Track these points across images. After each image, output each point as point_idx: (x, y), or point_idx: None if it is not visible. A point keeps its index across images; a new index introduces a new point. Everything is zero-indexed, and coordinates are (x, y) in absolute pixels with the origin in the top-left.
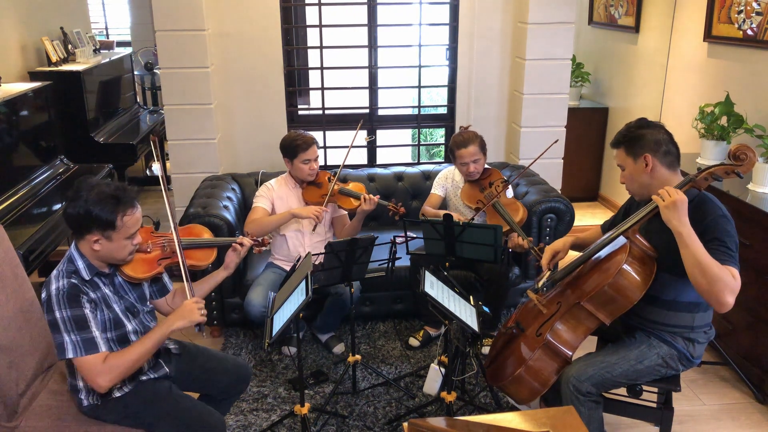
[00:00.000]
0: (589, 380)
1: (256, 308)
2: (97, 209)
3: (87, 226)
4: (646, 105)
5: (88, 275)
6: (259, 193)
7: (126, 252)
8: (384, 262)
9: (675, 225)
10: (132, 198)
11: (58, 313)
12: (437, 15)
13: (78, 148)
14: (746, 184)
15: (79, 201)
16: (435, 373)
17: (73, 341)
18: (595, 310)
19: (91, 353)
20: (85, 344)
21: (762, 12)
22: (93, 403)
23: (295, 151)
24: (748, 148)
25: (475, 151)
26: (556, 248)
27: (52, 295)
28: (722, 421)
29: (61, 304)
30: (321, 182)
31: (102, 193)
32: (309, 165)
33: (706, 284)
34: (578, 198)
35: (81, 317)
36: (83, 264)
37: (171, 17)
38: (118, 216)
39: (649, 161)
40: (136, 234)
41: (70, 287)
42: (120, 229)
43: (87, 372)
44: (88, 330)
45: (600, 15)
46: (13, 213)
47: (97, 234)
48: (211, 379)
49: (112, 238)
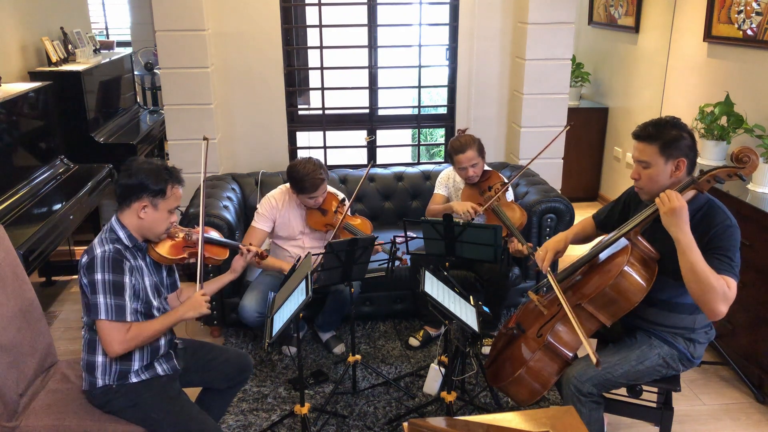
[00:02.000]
0: (590, 381)
1: (249, 313)
2: (152, 177)
3: (139, 193)
4: (646, 105)
5: (129, 243)
6: (260, 211)
7: (164, 226)
8: (384, 262)
9: (674, 231)
10: (179, 177)
11: (99, 275)
12: (437, 15)
13: (78, 148)
14: (746, 185)
15: (133, 170)
16: (435, 373)
17: (107, 304)
18: (596, 312)
19: (118, 320)
20: (117, 310)
21: (762, 12)
22: (107, 384)
23: (301, 190)
24: (750, 150)
25: (473, 156)
26: (557, 248)
27: (97, 257)
28: (722, 421)
29: (105, 266)
30: (327, 210)
31: (155, 165)
32: (314, 200)
33: (699, 292)
34: (578, 198)
35: (120, 283)
36: (124, 234)
37: (171, 17)
38: (169, 185)
39: (682, 166)
40: (175, 212)
41: (115, 252)
42: (168, 198)
43: (107, 335)
44: (123, 297)
45: (600, 15)
46: (13, 213)
47: (147, 200)
48: (214, 370)
49: (158, 207)
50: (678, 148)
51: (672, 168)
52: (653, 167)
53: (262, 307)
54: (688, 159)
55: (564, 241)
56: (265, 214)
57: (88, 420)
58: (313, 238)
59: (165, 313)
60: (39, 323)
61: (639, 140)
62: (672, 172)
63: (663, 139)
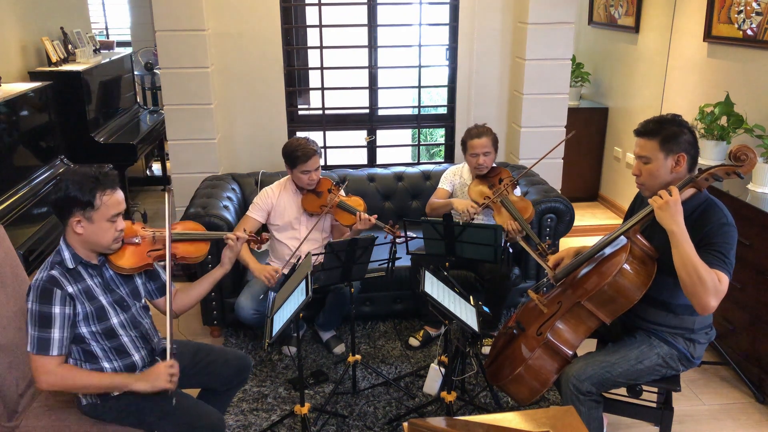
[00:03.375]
0: (589, 380)
1: (246, 310)
2: (77, 188)
3: (69, 208)
4: (646, 105)
5: (72, 264)
6: (256, 201)
7: (109, 237)
8: (384, 262)
9: (668, 223)
10: (112, 180)
11: (29, 304)
12: (437, 15)
13: (78, 148)
14: (746, 184)
15: (61, 185)
16: (435, 373)
17: (32, 336)
18: (596, 310)
19: (41, 353)
20: (40, 343)
21: (762, 12)
22: (92, 402)
23: (295, 162)
24: (748, 148)
25: (486, 143)
26: (559, 257)
27: (32, 285)
28: (722, 421)
29: (35, 296)
30: (321, 191)
31: (82, 174)
32: (308, 175)
33: (690, 284)
34: (578, 198)
35: (46, 316)
36: (69, 254)
37: (171, 17)
38: (97, 194)
39: (682, 162)
40: (119, 219)
41: (47, 280)
42: (99, 208)
43: (33, 368)
44: (48, 330)
45: (600, 15)
46: (14, 213)
47: (78, 215)
48: (213, 372)
49: (92, 219)
50: (678, 144)
51: (672, 163)
52: (653, 162)
53: (258, 304)
54: (688, 155)
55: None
56: (260, 204)
57: (88, 420)
58: (310, 227)
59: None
60: None
61: (640, 136)
62: (672, 167)
63: (663, 135)
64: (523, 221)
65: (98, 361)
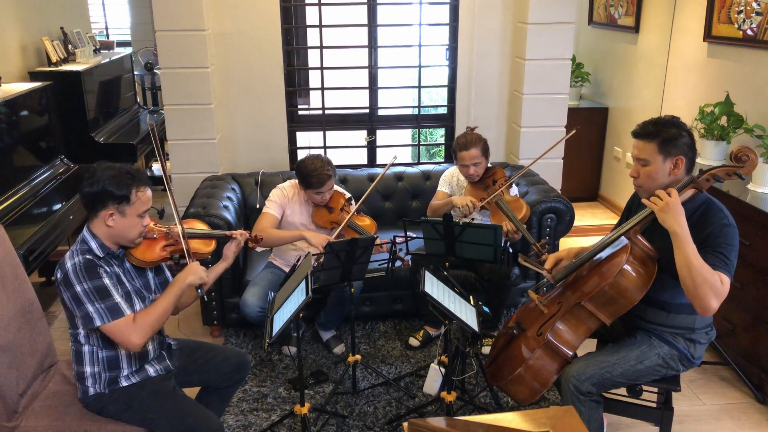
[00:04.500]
0: (590, 380)
1: (251, 308)
2: (114, 183)
3: (103, 201)
4: (646, 105)
5: (101, 253)
6: (272, 197)
7: (136, 231)
8: (384, 262)
9: (670, 224)
10: (145, 177)
11: (78, 286)
12: (437, 15)
13: (78, 148)
14: (746, 184)
15: (95, 178)
16: (435, 373)
17: (99, 309)
18: (596, 310)
19: (118, 317)
20: (111, 311)
21: (762, 12)
22: (99, 392)
23: (308, 185)
24: (749, 149)
25: (476, 155)
26: (559, 256)
27: (69, 271)
28: (722, 421)
29: (80, 276)
30: (333, 207)
31: (119, 169)
32: (321, 196)
33: (692, 285)
34: (578, 198)
35: (102, 287)
36: (96, 243)
37: (171, 17)
38: (132, 190)
39: (680, 164)
40: (146, 215)
41: (86, 261)
42: (134, 203)
43: (119, 334)
44: (111, 297)
45: (600, 15)
46: (13, 213)
47: (113, 208)
48: (212, 369)
49: (125, 213)
50: (676, 146)
51: (670, 166)
52: (652, 165)
53: (264, 302)
54: (686, 157)
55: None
56: (276, 201)
57: (88, 420)
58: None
59: (166, 289)
60: (39, 323)
61: (638, 138)
62: (670, 170)
63: (662, 137)
64: (518, 222)
65: (116, 348)
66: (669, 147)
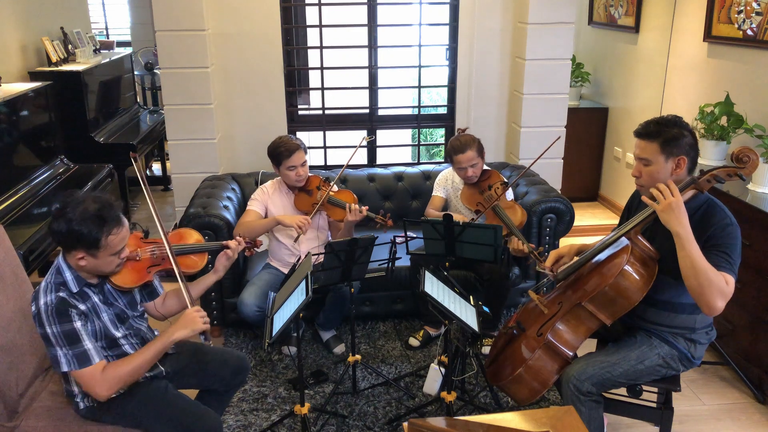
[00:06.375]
0: (590, 380)
1: (249, 307)
2: (82, 228)
3: (72, 244)
4: (646, 105)
5: (76, 287)
6: (254, 196)
7: (113, 266)
8: (384, 262)
9: (673, 225)
10: (117, 216)
11: (48, 328)
12: (437, 15)
13: (78, 148)
14: (746, 185)
15: (64, 219)
16: (435, 373)
17: (66, 355)
18: (597, 311)
19: (85, 366)
20: (78, 358)
21: (762, 12)
22: (89, 406)
23: (279, 158)
24: (750, 150)
25: (472, 156)
26: (560, 253)
27: (41, 311)
28: (722, 421)
29: (51, 319)
30: (311, 189)
31: (86, 212)
32: (295, 171)
33: (698, 286)
34: (578, 198)
35: (71, 332)
36: (71, 276)
37: (171, 17)
38: (102, 236)
39: (682, 164)
40: (123, 249)
41: (58, 302)
42: (105, 247)
43: (85, 383)
44: (80, 344)
45: (600, 15)
46: (14, 213)
47: (82, 252)
48: (211, 372)
49: (97, 256)
50: (679, 146)
51: (672, 166)
52: (654, 165)
53: (261, 301)
54: (688, 157)
55: (569, 248)
56: (258, 198)
57: (88, 420)
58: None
59: (150, 342)
60: None
61: (640, 138)
62: (672, 170)
63: (664, 137)
64: (515, 228)
65: None
66: (671, 147)
